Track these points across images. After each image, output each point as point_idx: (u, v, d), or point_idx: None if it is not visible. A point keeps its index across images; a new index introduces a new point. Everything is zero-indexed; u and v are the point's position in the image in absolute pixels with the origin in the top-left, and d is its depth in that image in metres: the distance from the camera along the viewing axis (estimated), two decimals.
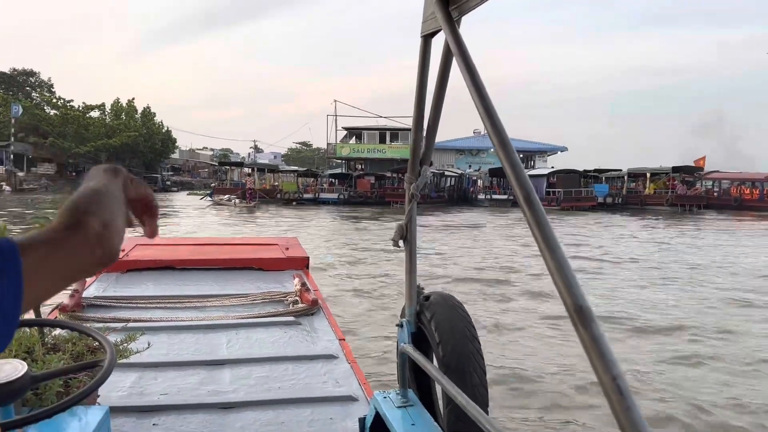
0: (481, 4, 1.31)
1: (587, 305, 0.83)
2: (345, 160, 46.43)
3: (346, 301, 7.95)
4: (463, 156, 47.66)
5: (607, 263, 11.94)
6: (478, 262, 11.73)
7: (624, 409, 0.72)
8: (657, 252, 14.02)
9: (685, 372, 5.25)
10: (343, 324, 5.16)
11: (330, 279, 9.25)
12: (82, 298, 2.85)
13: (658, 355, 5.74)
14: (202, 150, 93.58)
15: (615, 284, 9.66)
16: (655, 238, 17.54)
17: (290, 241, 4.62)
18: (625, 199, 33.46)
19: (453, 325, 1.83)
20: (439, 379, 1.61)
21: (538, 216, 0.95)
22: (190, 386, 2.07)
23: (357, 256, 12.20)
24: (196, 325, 2.66)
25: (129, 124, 66.72)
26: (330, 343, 2.54)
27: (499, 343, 6.04)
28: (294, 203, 34.86)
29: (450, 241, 15.69)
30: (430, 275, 9.63)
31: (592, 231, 19.47)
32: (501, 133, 1.08)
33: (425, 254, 12.09)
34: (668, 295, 8.74)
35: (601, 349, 0.77)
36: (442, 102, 1.72)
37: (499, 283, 9.55)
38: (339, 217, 24.93)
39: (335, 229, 18.13)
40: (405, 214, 1.90)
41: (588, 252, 13.56)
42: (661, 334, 6.52)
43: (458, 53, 1.24)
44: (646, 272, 10.86)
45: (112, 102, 69.90)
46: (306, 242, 7.39)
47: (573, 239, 16.15)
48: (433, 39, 1.63)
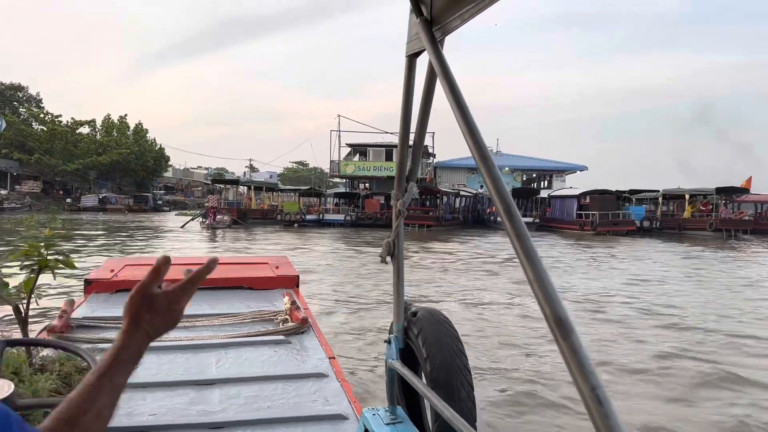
0: (462, 25, 1.38)
1: (567, 316, 0.84)
2: (349, 178, 43.16)
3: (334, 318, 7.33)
4: (475, 175, 44.40)
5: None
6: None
7: (603, 417, 0.73)
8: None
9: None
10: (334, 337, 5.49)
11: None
12: (71, 319, 2.79)
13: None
14: (197, 169, 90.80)
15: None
16: (754, 278, 14.09)
17: (280, 260, 4.43)
18: (662, 223, 30.16)
19: (440, 340, 1.83)
20: (426, 395, 1.62)
21: (519, 229, 0.98)
22: (180, 406, 2.02)
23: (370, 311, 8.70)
24: (186, 344, 2.60)
25: (120, 141, 63.73)
26: (320, 361, 2.49)
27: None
28: (295, 225, 31.40)
29: (506, 289, 12.27)
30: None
31: (651, 265, 16.08)
32: (482, 149, 1.15)
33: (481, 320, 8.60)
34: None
35: (580, 360, 0.79)
36: (427, 120, 1.78)
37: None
38: (346, 242, 21.31)
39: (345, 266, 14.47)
40: (392, 230, 1.92)
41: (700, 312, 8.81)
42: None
43: (441, 73, 1.29)
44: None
45: (103, 118, 66.90)
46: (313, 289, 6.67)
47: (637, 275, 12.77)
48: (418, 59, 1.68)
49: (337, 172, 42.64)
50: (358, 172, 41.33)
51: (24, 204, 53.87)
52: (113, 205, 56.03)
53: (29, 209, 52.23)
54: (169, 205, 64.26)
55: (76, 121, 62.77)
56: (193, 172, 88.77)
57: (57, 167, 58.04)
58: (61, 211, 52.04)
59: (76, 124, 62.72)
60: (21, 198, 55.62)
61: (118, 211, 52.96)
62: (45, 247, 1.66)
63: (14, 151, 57.02)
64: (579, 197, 29.56)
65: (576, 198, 29.64)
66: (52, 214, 3.20)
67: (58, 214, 26.64)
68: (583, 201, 29.39)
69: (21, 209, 51.52)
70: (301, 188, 42.00)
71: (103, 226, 28.31)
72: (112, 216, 43.60)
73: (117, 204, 56.96)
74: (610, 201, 28.37)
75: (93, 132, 64.98)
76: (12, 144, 57.28)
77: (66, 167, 58.29)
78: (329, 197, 38.60)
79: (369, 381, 4.90)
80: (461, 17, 1.36)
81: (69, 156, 59.14)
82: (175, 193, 73.51)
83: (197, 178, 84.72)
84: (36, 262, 1.64)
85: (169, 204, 65.36)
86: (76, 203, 56.58)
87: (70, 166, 58.42)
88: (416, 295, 9.31)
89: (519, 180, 44.45)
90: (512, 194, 34.24)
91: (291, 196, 40.52)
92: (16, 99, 67.56)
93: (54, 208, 54.14)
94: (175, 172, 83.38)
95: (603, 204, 27.78)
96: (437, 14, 1.43)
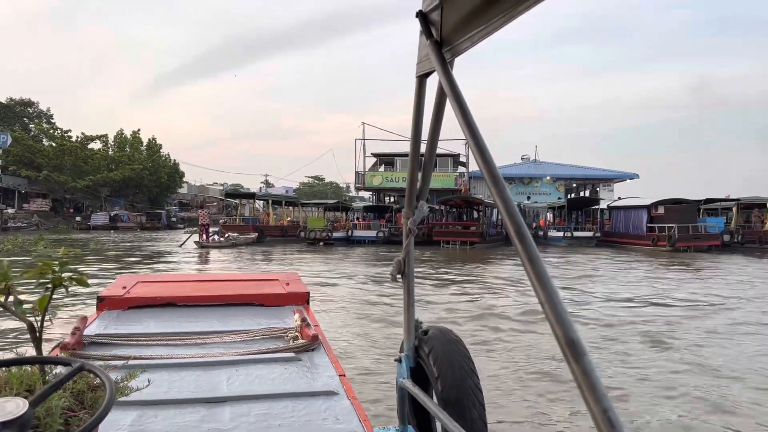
0: (472, 47, 1.41)
1: (578, 338, 0.84)
2: (376, 191, 39.47)
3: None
4: (514, 185, 40.46)
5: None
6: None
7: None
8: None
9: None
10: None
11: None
12: (83, 336, 2.69)
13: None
14: (212, 185, 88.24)
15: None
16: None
17: (290, 277, 4.23)
18: (744, 237, 25.89)
19: (451, 360, 1.82)
20: (437, 414, 1.62)
21: (530, 250, 0.98)
22: (190, 424, 1.96)
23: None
24: (197, 362, 2.53)
25: (133, 157, 60.98)
26: (330, 379, 2.38)
27: None
28: (321, 244, 27.69)
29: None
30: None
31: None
32: (492, 168, 1.15)
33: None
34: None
35: (592, 382, 0.79)
36: (437, 139, 1.82)
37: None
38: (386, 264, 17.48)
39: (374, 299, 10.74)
40: (402, 248, 1.91)
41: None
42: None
43: (451, 93, 1.31)
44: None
45: (115, 133, 64.30)
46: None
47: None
48: (428, 79, 1.73)
49: (362, 184, 39.02)
50: (385, 184, 37.62)
51: (31, 223, 51.05)
52: (125, 223, 53.16)
53: (36, 228, 49.46)
54: (184, 222, 61.29)
55: (86, 137, 60.10)
56: (208, 188, 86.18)
57: (66, 184, 55.33)
58: (70, 230, 49.44)
59: (87, 140, 60.06)
60: (28, 216, 52.87)
61: (129, 230, 50.02)
62: (59, 266, 1.58)
63: (22, 168, 54.38)
64: (650, 207, 25.41)
65: (646, 208, 25.48)
66: (59, 232, 1.66)
67: (67, 234, 24.21)
68: (654, 212, 25.26)
69: (27, 228, 48.65)
70: (327, 202, 37.97)
71: (97, 247, 24.75)
72: (122, 235, 40.32)
73: (129, 222, 54.07)
74: (689, 212, 24.11)
75: (105, 148, 62.36)
76: (20, 161, 54.70)
77: (76, 184, 55.60)
78: (357, 212, 34.68)
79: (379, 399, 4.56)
80: (471, 39, 1.39)
81: (79, 172, 56.52)
82: (190, 210, 70.73)
83: (213, 194, 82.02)
84: (51, 281, 1.57)
85: (184, 221, 62.42)
86: (85, 221, 53.82)
87: (80, 183, 55.74)
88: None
89: (561, 190, 40.32)
90: (574, 205, 30.54)
91: (313, 210, 36.96)
92: (26, 115, 65.32)
93: (63, 227, 51.63)
94: (190, 189, 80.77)
95: (681, 215, 23.60)
96: (447, 36, 1.47)
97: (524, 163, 43.35)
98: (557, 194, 39.68)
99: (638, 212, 25.85)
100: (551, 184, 40.00)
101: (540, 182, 40.18)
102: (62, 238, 31.90)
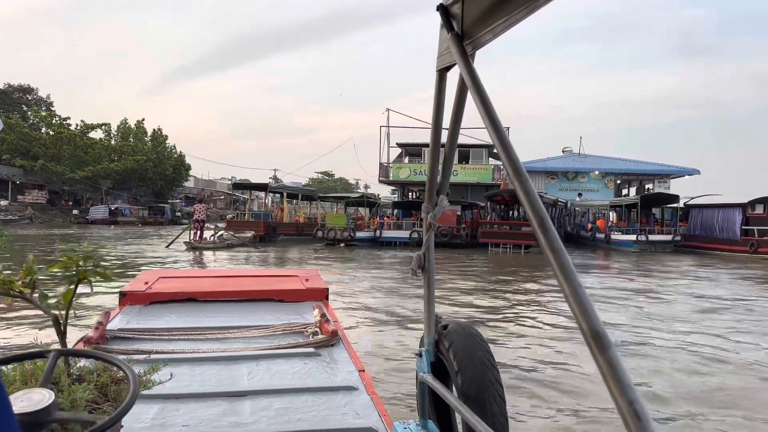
0: (493, 39, 1.39)
1: (604, 331, 0.84)
2: (402, 184, 35.15)
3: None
4: (556, 180, 36.01)
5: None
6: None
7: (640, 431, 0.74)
8: None
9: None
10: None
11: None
12: (106, 331, 2.72)
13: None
14: (220, 180, 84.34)
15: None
16: None
17: (309, 273, 4.27)
18: None
19: (471, 354, 1.80)
20: (458, 408, 1.62)
21: (553, 242, 0.97)
22: (212, 418, 1.96)
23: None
24: (218, 356, 2.54)
25: (137, 147, 57.05)
26: (350, 374, 2.38)
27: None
28: (342, 245, 23.44)
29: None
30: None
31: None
32: (515, 161, 1.13)
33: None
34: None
35: (618, 374, 0.79)
36: (457, 133, 1.82)
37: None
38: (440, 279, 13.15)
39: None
40: (423, 243, 1.90)
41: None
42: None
43: (473, 86, 1.29)
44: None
45: (119, 122, 60.32)
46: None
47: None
48: (448, 72, 1.70)
49: (387, 177, 34.73)
50: (413, 177, 33.31)
51: (24, 216, 47.10)
52: (126, 217, 49.31)
53: (30, 222, 45.64)
54: (189, 217, 57.30)
55: (86, 125, 56.09)
56: (215, 182, 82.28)
57: (64, 175, 51.44)
58: (68, 224, 45.68)
59: (87, 128, 56.04)
60: (22, 209, 49.07)
61: (131, 224, 46.14)
62: (83, 260, 1.56)
63: (17, 158, 50.52)
64: (745, 207, 20.97)
65: (740, 208, 21.06)
66: (56, 226, 1.03)
67: (65, 228, 20.41)
68: (751, 212, 20.82)
69: (20, 222, 44.82)
70: (350, 196, 33.09)
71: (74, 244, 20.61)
72: (123, 229, 36.25)
73: (131, 216, 50.17)
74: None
75: (107, 137, 58.45)
76: (15, 149, 50.81)
77: (74, 175, 51.73)
78: (387, 207, 30.22)
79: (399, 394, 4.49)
80: (493, 31, 1.37)
81: (78, 163, 52.62)
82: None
83: (220, 189, 78.13)
84: (75, 274, 1.56)
85: (189, 216, 58.44)
86: (84, 215, 49.98)
87: (78, 174, 51.86)
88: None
89: (611, 186, 35.79)
90: (647, 202, 26.23)
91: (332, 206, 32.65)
92: (24, 102, 61.49)
93: (59, 220, 47.73)
94: (197, 182, 76.88)
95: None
96: (468, 29, 1.46)
97: (568, 156, 38.82)
98: (606, 191, 35.19)
99: (728, 212, 21.41)
100: (600, 179, 35.50)
101: (587, 177, 35.67)
102: (42, 233, 27.85)
